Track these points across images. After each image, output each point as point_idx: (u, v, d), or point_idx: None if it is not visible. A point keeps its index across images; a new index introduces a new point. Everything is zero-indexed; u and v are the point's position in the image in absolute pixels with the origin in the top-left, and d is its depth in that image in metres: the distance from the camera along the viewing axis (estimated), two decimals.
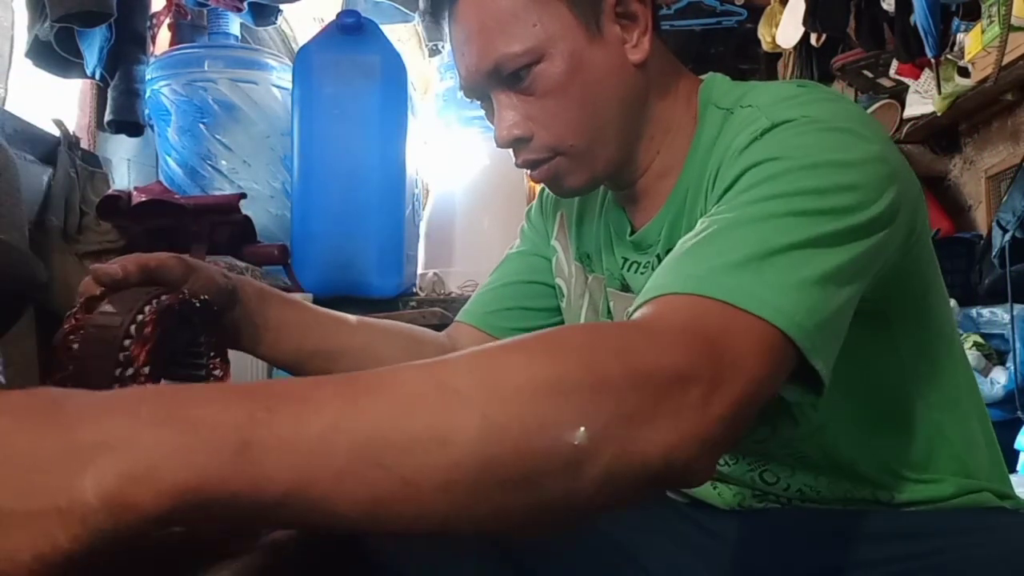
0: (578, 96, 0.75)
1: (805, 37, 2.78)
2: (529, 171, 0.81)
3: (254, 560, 0.63)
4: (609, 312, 0.88)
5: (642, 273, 0.83)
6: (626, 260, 0.85)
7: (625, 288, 0.86)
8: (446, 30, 0.82)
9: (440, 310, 1.75)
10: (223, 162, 1.86)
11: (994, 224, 2.09)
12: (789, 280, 0.53)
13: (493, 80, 0.77)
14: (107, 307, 0.65)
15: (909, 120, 2.69)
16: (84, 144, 1.70)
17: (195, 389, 0.39)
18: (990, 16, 2.00)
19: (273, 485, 0.36)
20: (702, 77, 0.83)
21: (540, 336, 0.45)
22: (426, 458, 0.38)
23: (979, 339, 2.03)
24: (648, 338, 0.47)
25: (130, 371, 0.62)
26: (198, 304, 0.71)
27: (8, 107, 1.46)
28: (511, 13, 0.74)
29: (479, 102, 0.82)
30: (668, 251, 0.76)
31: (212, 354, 0.76)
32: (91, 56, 1.58)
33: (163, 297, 0.68)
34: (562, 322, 0.98)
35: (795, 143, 0.63)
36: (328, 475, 0.37)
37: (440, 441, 0.39)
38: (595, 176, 0.80)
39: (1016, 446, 1.80)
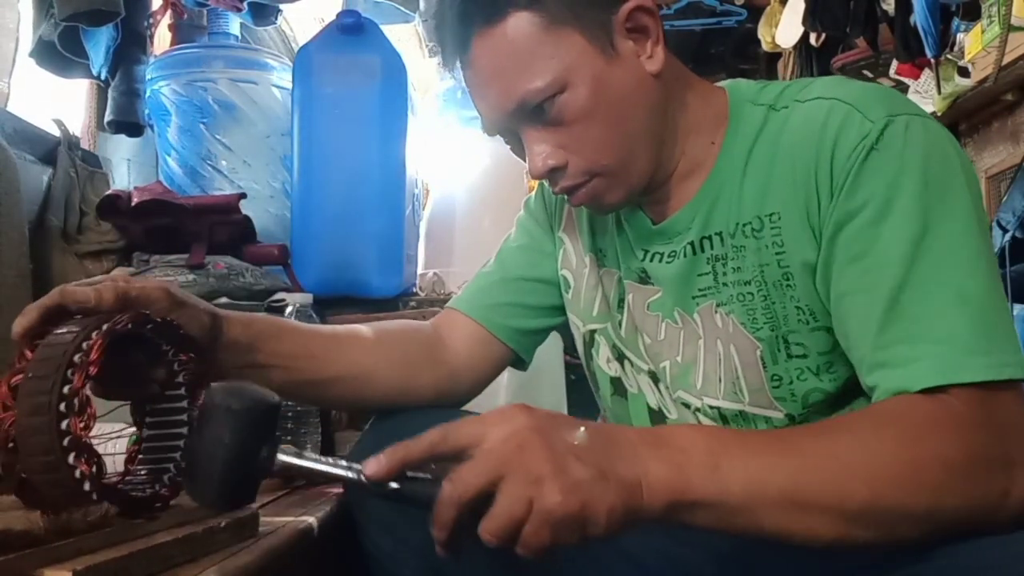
0: (605, 117, 0.77)
1: (805, 37, 2.78)
2: (567, 196, 0.82)
3: (253, 560, 0.64)
4: (621, 304, 0.90)
5: (667, 262, 0.84)
6: (647, 252, 0.86)
7: (644, 280, 0.87)
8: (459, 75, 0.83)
9: (440, 310, 1.74)
10: (223, 162, 1.86)
11: (994, 224, 2.08)
12: (1000, 324, 0.64)
13: (517, 117, 0.78)
14: (61, 330, 0.62)
15: None
16: (84, 144, 1.70)
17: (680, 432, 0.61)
18: (990, 16, 2.00)
19: (731, 498, 0.57)
20: (721, 84, 0.85)
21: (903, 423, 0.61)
22: (822, 516, 0.58)
23: None
24: (970, 431, 0.60)
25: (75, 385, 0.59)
26: (159, 322, 0.67)
27: (10, 107, 1.46)
28: (527, 51, 0.75)
29: (502, 138, 0.83)
30: (703, 239, 0.80)
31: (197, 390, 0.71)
32: (97, 56, 1.58)
33: (116, 320, 0.63)
34: (561, 322, 0.98)
35: (916, 152, 0.68)
36: (762, 502, 0.58)
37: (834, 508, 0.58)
38: (632, 189, 0.81)
39: None
